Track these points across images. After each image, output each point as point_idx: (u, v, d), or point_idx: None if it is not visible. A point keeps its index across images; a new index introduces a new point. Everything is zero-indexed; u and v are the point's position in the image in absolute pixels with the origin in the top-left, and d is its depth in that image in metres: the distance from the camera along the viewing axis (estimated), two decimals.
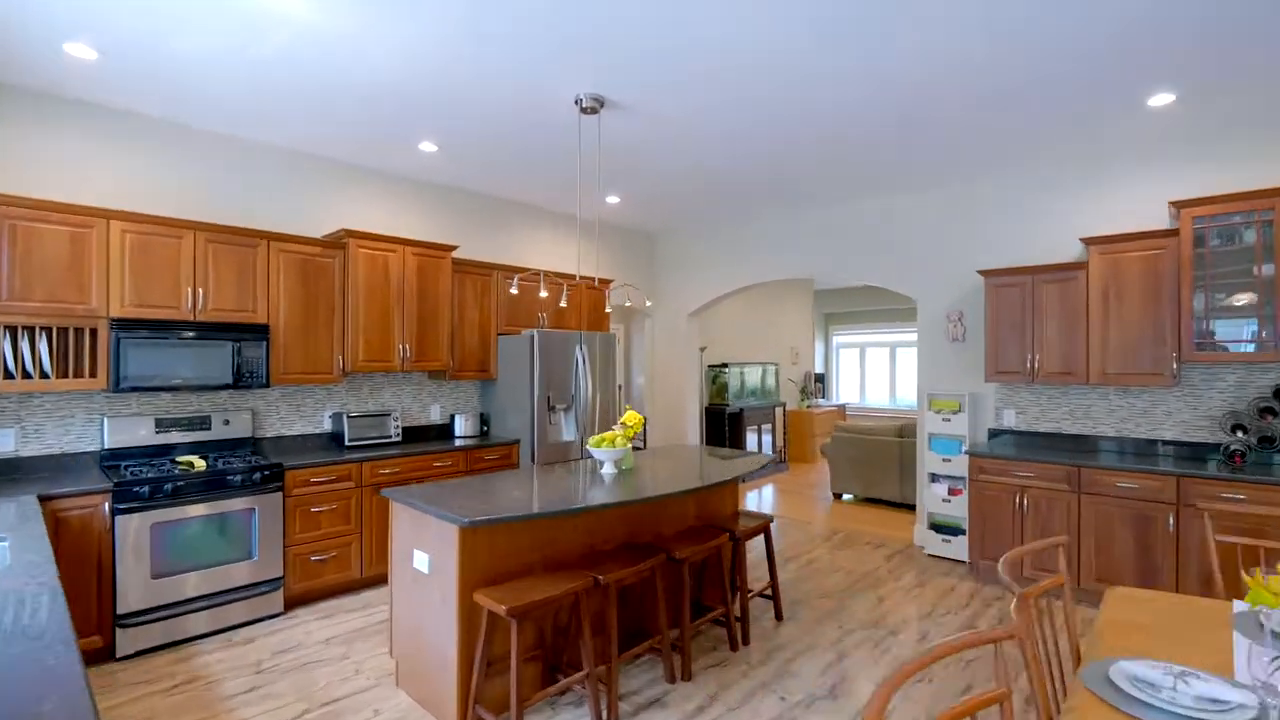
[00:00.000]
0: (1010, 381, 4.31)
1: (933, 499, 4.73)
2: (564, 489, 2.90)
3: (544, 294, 3.50)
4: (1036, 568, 3.92)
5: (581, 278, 5.56)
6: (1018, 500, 4.01)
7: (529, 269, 5.13)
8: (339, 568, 3.83)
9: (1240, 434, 3.59)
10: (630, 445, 3.33)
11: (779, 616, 3.57)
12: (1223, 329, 3.62)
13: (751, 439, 7.85)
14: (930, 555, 4.71)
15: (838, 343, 12.73)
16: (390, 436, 4.40)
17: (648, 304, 4.03)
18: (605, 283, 5.75)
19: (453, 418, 4.84)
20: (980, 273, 4.38)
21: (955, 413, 4.68)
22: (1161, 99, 3.36)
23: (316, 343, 3.99)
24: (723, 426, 7.57)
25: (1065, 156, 4.23)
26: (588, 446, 3.32)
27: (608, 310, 5.78)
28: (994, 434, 4.63)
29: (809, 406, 9.46)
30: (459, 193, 5.13)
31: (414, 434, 4.79)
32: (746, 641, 3.26)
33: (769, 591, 3.59)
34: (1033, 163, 4.36)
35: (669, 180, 4.85)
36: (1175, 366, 3.71)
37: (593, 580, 2.55)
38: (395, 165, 4.52)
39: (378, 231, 4.47)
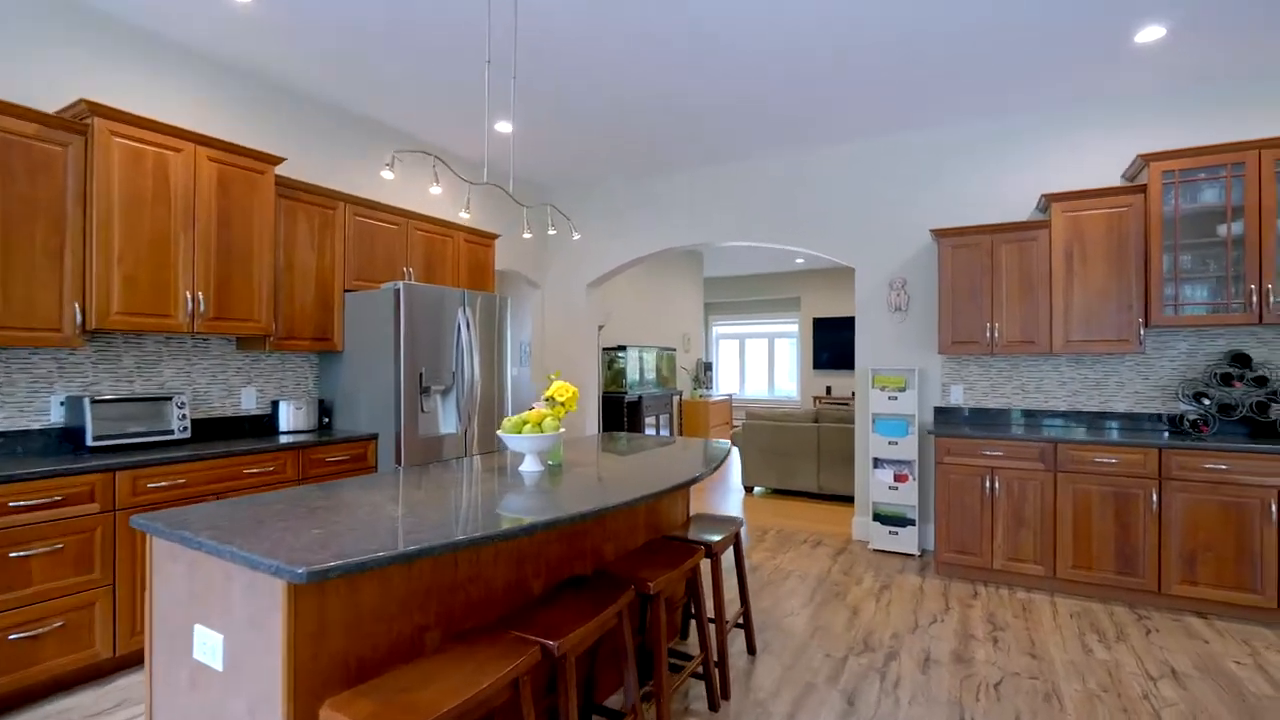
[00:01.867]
0: (968, 353, 3.88)
1: (877, 487, 4.20)
2: (467, 502, 1.80)
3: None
4: (1009, 557, 3.49)
5: (465, 229, 4.35)
6: (987, 483, 3.56)
7: (391, 208, 3.84)
8: (67, 645, 2.34)
9: (1205, 401, 3.41)
10: (561, 430, 2.29)
11: (751, 649, 2.73)
12: (1191, 291, 3.42)
13: (649, 431, 7.05)
14: (876, 550, 4.18)
15: (718, 333, 12.46)
16: (172, 432, 2.92)
17: (575, 237, 3.00)
18: (491, 237, 4.58)
19: (275, 405, 3.42)
20: (934, 232, 3.92)
21: (901, 390, 4.20)
22: (1151, 33, 3.03)
23: (30, 280, 2.45)
24: (620, 416, 6.67)
25: (1031, 105, 3.89)
26: (501, 433, 2.23)
27: (501, 269, 4.61)
28: (941, 412, 4.21)
29: (701, 396, 8.89)
30: (290, 94, 3.68)
31: (213, 429, 3.30)
32: (727, 695, 2.37)
33: (740, 619, 2.74)
34: (994, 112, 3.98)
35: (575, 110, 3.84)
36: (1141, 332, 3.46)
37: (539, 650, 1.50)
38: (191, 28, 3.02)
39: (149, 116, 2.92)
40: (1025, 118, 4.00)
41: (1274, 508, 2.96)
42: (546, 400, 2.35)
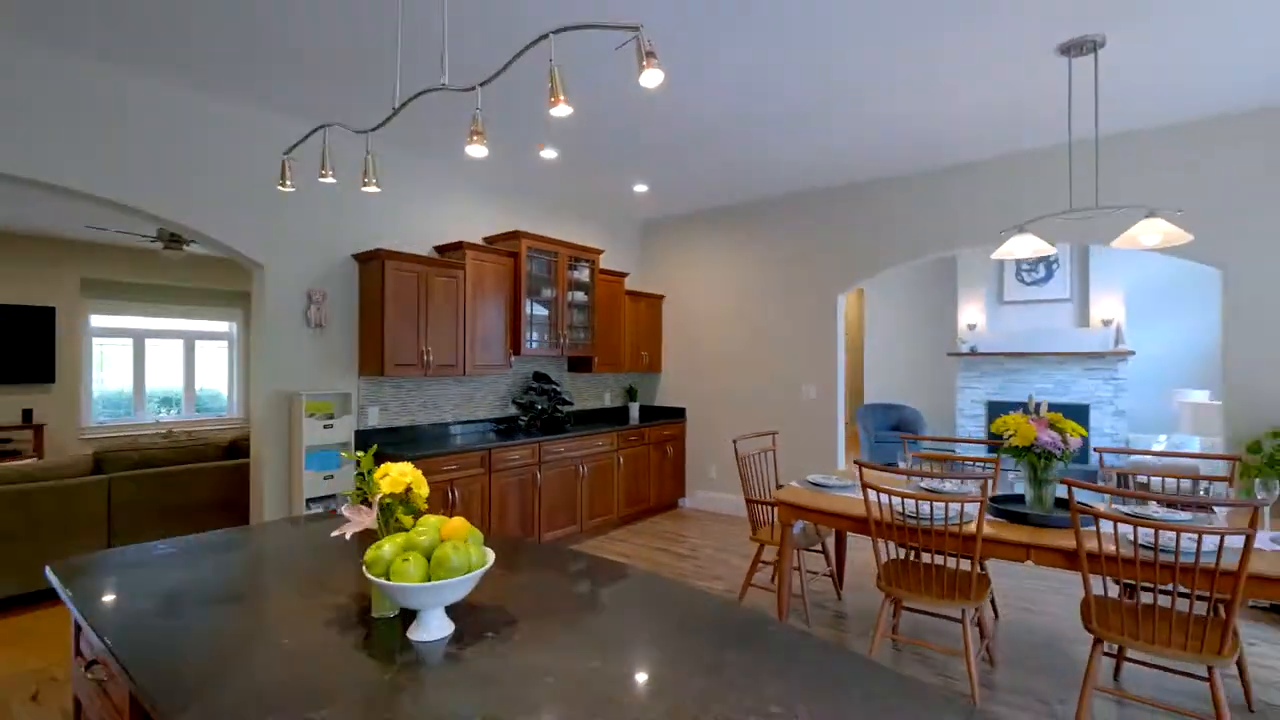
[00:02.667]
0: (407, 375, 4.00)
1: None
2: None
3: None
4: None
5: None
6: (450, 494, 3.89)
7: None
8: None
9: (536, 406, 4.98)
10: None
11: None
12: (535, 332, 4.91)
13: None
14: None
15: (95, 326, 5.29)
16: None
17: None
18: None
19: None
20: (364, 255, 3.84)
21: (332, 416, 3.79)
22: (547, 154, 4.34)
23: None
24: None
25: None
26: (374, 576, 1.14)
27: None
28: (361, 435, 4.06)
29: None
30: None
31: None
32: None
33: None
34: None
35: None
36: (512, 359, 4.69)
37: None
38: None
39: None
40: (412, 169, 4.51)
41: (581, 469, 4.84)
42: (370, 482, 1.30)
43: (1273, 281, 3.54)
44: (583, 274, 5.28)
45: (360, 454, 1.32)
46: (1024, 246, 3.02)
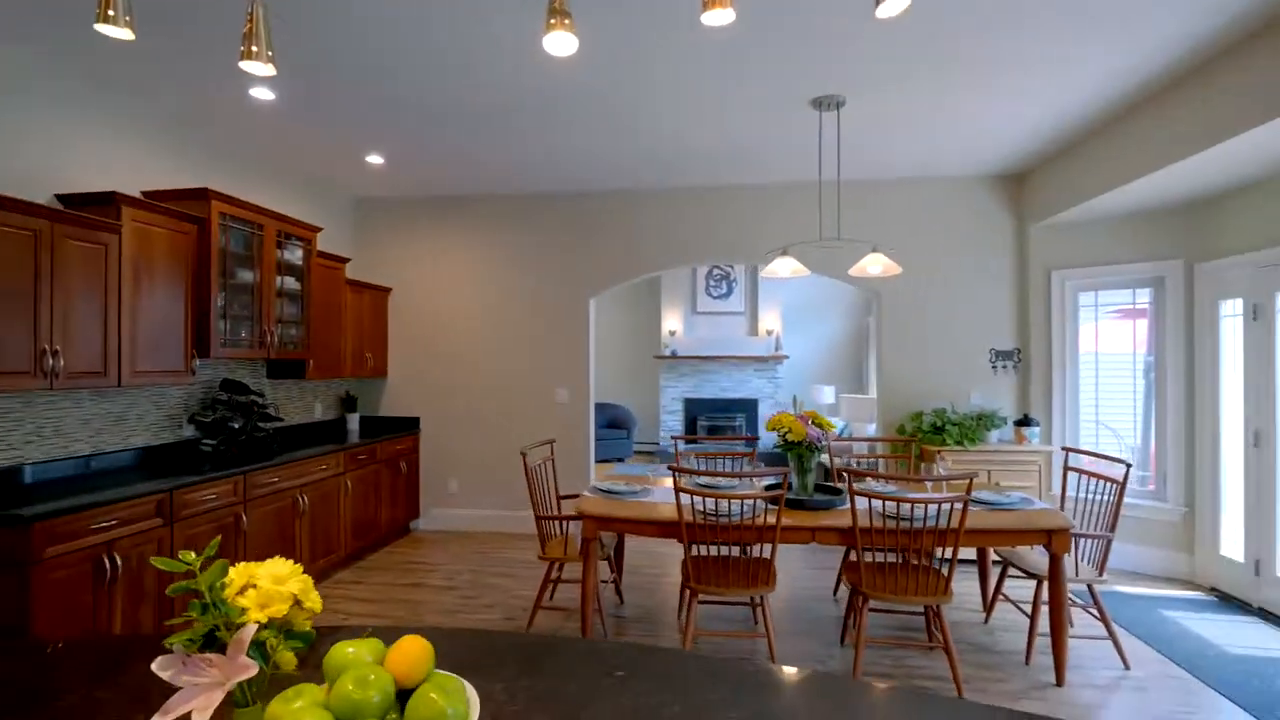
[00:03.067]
0: (12, 388, 2.53)
1: None
2: None
3: None
4: None
5: None
6: (107, 565, 2.59)
7: None
8: None
9: (227, 420, 3.71)
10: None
11: None
12: (229, 327, 3.65)
13: None
14: None
15: None
16: None
17: None
18: None
19: None
20: None
21: None
22: None
23: None
24: None
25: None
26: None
27: None
28: None
29: None
30: None
31: None
32: None
33: None
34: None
35: None
36: (196, 363, 3.43)
37: None
38: None
39: None
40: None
41: (301, 501, 3.81)
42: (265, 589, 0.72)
43: (912, 309, 4.79)
44: (295, 255, 4.19)
45: (194, 556, 0.70)
46: (785, 267, 3.44)
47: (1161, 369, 4.24)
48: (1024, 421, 4.43)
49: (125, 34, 1.43)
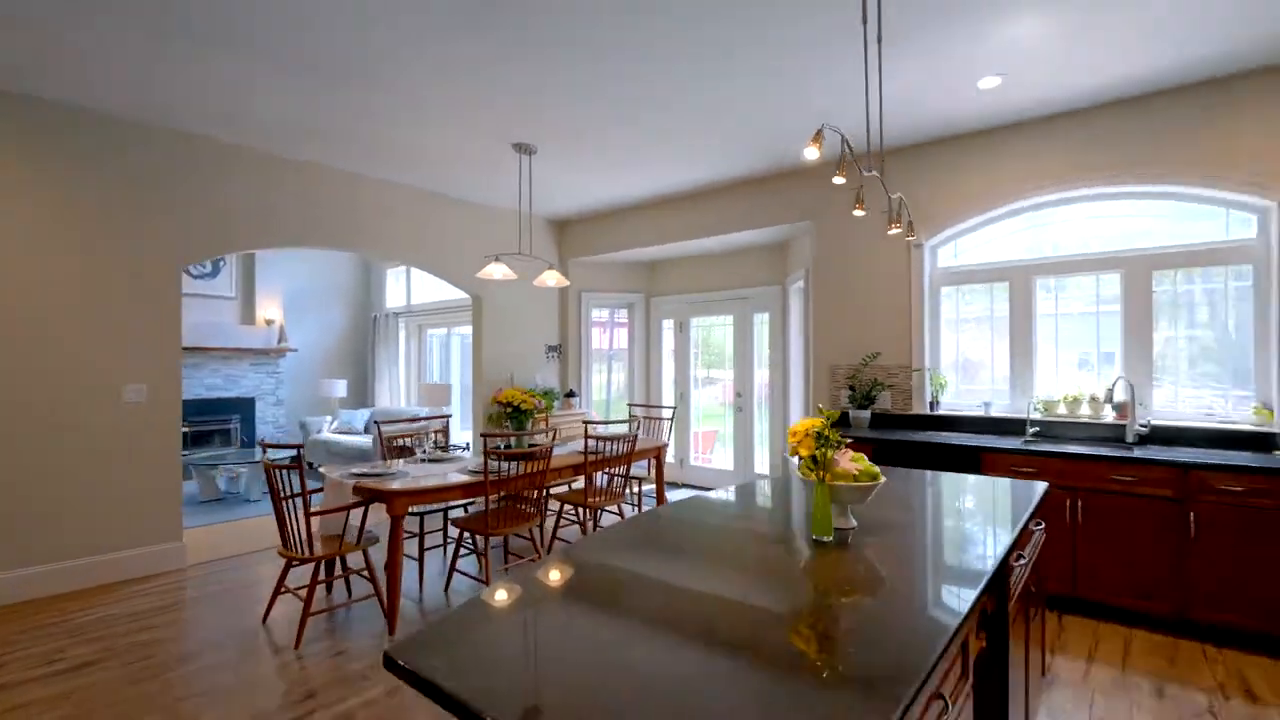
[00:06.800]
0: None
1: None
2: None
3: None
4: None
5: None
6: None
7: None
8: None
9: None
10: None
11: None
12: None
13: None
14: None
15: None
16: None
17: None
18: None
19: None
20: None
21: None
22: None
23: None
24: None
25: None
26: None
27: None
28: None
29: None
30: None
31: None
32: None
33: None
34: None
35: None
36: None
37: None
38: None
39: None
40: None
41: None
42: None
43: (506, 310, 6.05)
44: None
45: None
46: (498, 271, 4.21)
47: (633, 357, 7.02)
48: (570, 394, 6.43)
49: None
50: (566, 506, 5.61)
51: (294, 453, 2.86)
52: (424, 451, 3.96)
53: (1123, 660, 2.75)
